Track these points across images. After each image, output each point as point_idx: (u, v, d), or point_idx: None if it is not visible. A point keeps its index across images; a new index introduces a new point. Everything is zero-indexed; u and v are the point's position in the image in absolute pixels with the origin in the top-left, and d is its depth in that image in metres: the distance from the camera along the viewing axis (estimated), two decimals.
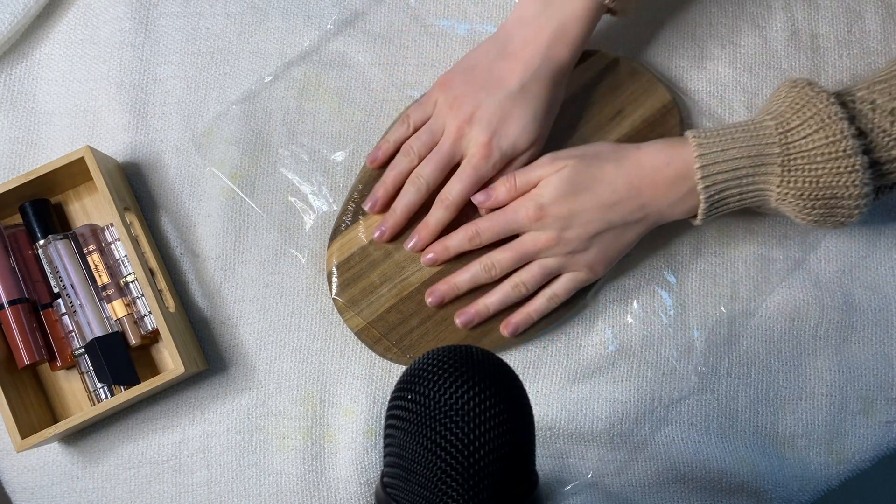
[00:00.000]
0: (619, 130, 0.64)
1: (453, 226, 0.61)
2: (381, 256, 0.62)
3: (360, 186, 0.64)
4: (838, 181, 0.54)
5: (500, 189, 0.59)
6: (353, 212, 0.63)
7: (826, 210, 0.56)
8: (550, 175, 0.58)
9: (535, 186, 0.59)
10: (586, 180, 0.57)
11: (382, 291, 0.62)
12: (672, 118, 0.64)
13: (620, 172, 0.57)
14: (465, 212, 0.62)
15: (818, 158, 0.54)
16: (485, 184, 0.61)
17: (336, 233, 0.63)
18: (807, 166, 0.54)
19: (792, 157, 0.54)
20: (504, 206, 0.60)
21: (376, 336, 0.62)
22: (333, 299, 0.62)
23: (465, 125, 0.59)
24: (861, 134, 0.54)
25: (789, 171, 0.54)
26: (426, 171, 0.60)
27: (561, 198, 0.57)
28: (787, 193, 0.55)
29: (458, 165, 0.61)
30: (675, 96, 0.65)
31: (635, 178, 0.57)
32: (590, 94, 0.64)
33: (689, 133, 0.57)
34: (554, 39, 0.58)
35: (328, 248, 0.63)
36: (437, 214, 0.60)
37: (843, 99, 0.55)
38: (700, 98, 0.67)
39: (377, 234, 0.62)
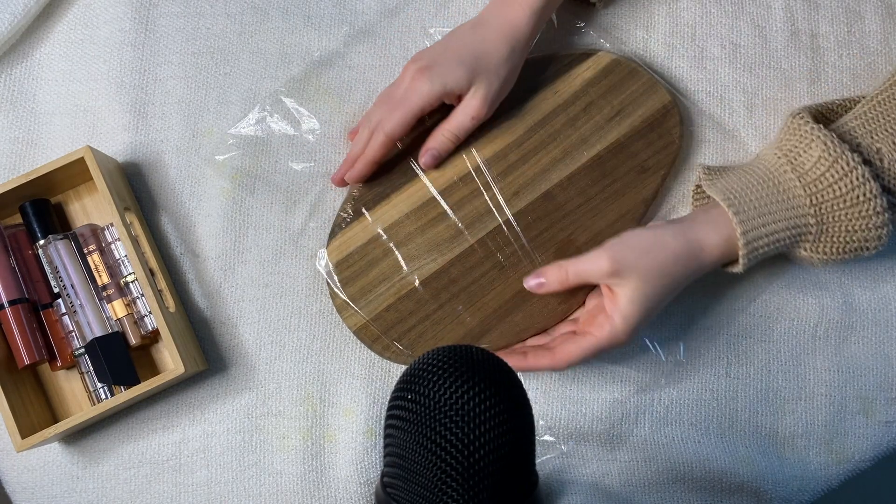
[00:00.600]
0: (618, 130, 0.64)
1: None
2: (379, 255, 0.62)
3: (359, 189, 0.63)
4: (865, 245, 0.57)
5: (553, 280, 0.59)
6: (351, 209, 0.63)
7: (843, 259, 0.58)
8: (621, 289, 0.56)
9: (585, 280, 0.57)
10: (662, 292, 0.56)
11: (381, 290, 0.62)
12: (672, 118, 0.64)
13: (688, 271, 0.57)
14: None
15: (850, 228, 0.56)
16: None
17: (335, 230, 0.63)
18: (839, 235, 0.57)
19: (826, 226, 0.56)
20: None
21: (375, 334, 0.62)
22: (332, 297, 0.62)
23: (412, 64, 0.61)
24: (889, 192, 0.56)
25: (821, 237, 0.57)
26: (374, 111, 0.62)
27: (645, 316, 0.56)
28: (814, 256, 0.58)
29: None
30: (675, 97, 0.65)
31: (698, 270, 0.57)
32: (589, 93, 0.64)
33: (727, 208, 0.56)
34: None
35: (326, 245, 0.63)
36: (372, 142, 0.61)
37: (871, 160, 0.56)
38: (700, 98, 0.67)
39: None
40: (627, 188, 0.63)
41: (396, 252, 0.62)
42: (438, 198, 0.63)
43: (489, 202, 0.63)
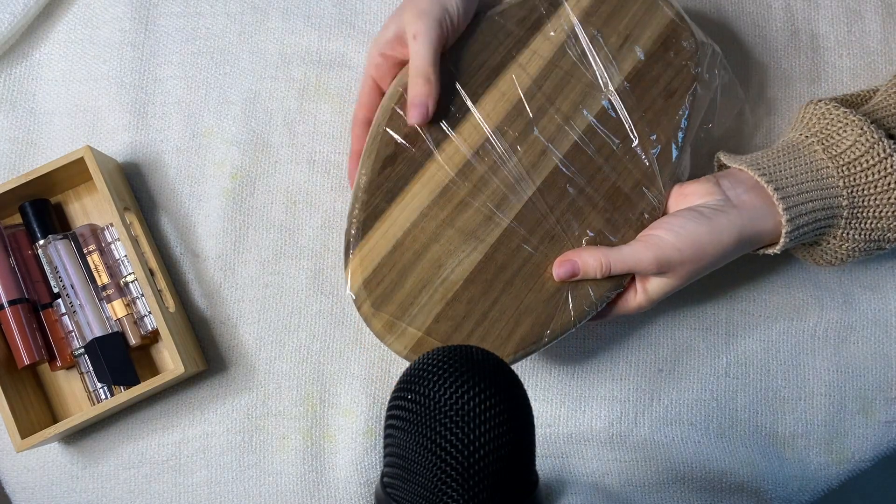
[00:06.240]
0: (632, 57, 0.59)
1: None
2: (411, 259, 0.55)
3: (362, 194, 0.55)
4: (888, 235, 0.57)
5: (591, 270, 0.55)
6: (361, 221, 0.55)
7: (865, 250, 0.58)
8: (658, 280, 0.56)
9: (628, 272, 0.56)
10: (695, 278, 0.56)
11: (423, 300, 0.54)
12: (683, 33, 0.60)
13: (727, 255, 0.55)
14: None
15: (877, 214, 0.56)
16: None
17: (350, 247, 0.55)
18: (867, 221, 0.56)
19: (856, 210, 0.56)
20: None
21: None
22: (367, 323, 0.55)
23: None
24: None
25: (851, 222, 0.57)
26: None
27: (673, 293, 0.57)
28: (843, 245, 0.57)
29: None
30: (680, 13, 0.61)
31: (740, 250, 0.56)
32: (590, 24, 0.59)
33: (773, 192, 0.55)
34: None
35: (345, 268, 0.55)
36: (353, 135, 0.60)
37: None
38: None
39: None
40: (659, 116, 0.59)
41: (430, 250, 0.55)
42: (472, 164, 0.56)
43: (517, 169, 0.56)
